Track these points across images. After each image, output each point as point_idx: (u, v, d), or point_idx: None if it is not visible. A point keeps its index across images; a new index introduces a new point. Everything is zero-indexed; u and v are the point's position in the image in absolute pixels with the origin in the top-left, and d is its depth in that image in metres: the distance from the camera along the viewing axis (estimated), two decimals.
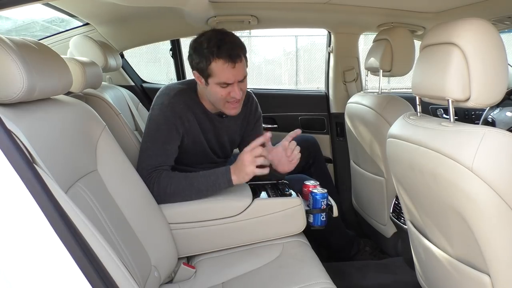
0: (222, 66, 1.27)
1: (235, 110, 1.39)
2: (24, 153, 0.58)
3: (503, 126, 1.86)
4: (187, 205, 1.29)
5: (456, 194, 0.86)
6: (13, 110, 0.80)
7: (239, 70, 1.31)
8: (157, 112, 1.38)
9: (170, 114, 1.36)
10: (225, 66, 1.27)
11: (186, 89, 1.43)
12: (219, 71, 1.28)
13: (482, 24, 0.86)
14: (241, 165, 1.26)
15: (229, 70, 1.28)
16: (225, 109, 1.38)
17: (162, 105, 1.38)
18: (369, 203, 1.89)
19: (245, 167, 1.25)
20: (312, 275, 1.15)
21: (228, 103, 1.36)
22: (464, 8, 1.75)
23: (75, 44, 1.90)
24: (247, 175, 1.26)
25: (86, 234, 0.60)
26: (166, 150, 1.35)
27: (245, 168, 1.25)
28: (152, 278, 1.08)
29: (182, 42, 2.55)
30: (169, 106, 1.37)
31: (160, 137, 1.35)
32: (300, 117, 2.42)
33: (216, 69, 1.28)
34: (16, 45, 0.79)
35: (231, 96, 1.33)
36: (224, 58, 1.27)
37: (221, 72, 1.28)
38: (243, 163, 1.25)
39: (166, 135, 1.35)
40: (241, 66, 1.31)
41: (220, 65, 1.27)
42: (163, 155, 1.34)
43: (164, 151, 1.34)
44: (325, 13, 2.01)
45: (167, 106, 1.37)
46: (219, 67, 1.28)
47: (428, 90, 0.98)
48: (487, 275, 0.88)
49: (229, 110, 1.39)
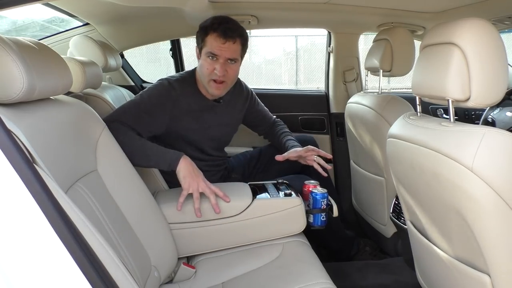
0: (215, 38, 1.41)
1: (218, 91, 1.48)
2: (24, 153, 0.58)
3: (503, 126, 1.86)
4: (187, 205, 1.29)
5: (456, 194, 0.86)
6: (13, 110, 0.80)
7: (229, 48, 1.42)
8: (155, 87, 1.48)
9: (165, 94, 1.44)
10: (217, 39, 1.41)
11: (186, 76, 1.54)
12: (210, 42, 1.42)
13: (482, 24, 0.86)
14: (198, 173, 1.29)
15: (219, 44, 1.41)
16: (209, 87, 1.47)
17: (161, 84, 1.48)
18: (369, 203, 1.89)
19: (198, 177, 1.27)
20: (312, 275, 1.15)
21: (212, 81, 1.45)
22: (464, 8, 1.75)
23: (75, 44, 1.90)
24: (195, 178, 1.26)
25: (86, 234, 0.60)
26: (141, 118, 1.38)
27: (198, 177, 1.27)
28: (152, 278, 1.08)
29: (182, 42, 2.55)
30: (168, 87, 1.46)
31: (144, 105, 1.41)
32: (300, 117, 2.42)
33: (209, 40, 1.42)
34: (16, 45, 0.79)
35: (214, 72, 1.43)
36: (218, 33, 1.40)
37: (212, 43, 1.42)
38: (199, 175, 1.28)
39: (151, 108, 1.41)
40: (232, 47, 1.43)
41: (213, 38, 1.41)
42: (137, 119, 1.37)
43: (140, 117, 1.38)
44: (325, 13, 2.01)
45: (166, 86, 1.46)
46: (212, 39, 1.42)
47: (428, 90, 0.98)
48: (487, 275, 0.88)
49: (213, 90, 1.47)
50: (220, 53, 1.42)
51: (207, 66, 1.44)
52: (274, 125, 1.85)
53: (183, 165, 1.27)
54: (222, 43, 1.41)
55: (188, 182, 1.25)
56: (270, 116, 1.87)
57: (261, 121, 1.84)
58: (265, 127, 1.85)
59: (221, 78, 1.44)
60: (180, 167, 1.27)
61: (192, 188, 1.24)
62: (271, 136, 1.84)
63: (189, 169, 1.27)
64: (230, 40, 1.41)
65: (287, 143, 1.71)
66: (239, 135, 1.91)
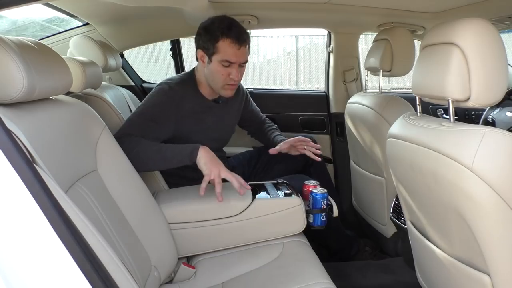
0: (229, 45, 1.37)
1: (231, 92, 1.48)
2: (24, 153, 0.58)
3: (503, 126, 1.86)
4: (187, 205, 1.29)
5: (456, 193, 0.86)
6: (13, 110, 0.80)
7: (243, 53, 1.40)
8: (156, 94, 1.45)
9: (168, 100, 1.42)
10: (231, 46, 1.37)
11: (186, 78, 1.52)
12: (224, 49, 1.37)
13: (482, 24, 0.86)
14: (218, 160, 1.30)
15: (234, 50, 1.38)
16: (222, 90, 1.46)
17: (162, 90, 1.45)
18: (369, 203, 1.89)
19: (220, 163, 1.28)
20: (312, 275, 1.15)
21: (227, 85, 1.44)
22: (464, 8, 1.75)
23: (75, 44, 1.90)
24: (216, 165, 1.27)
25: (86, 234, 0.60)
26: (149, 126, 1.37)
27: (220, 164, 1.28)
28: (152, 278, 1.08)
29: (182, 42, 2.55)
30: (169, 92, 1.44)
31: (150, 114, 1.40)
32: (300, 117, 2.42)
33: (222, 47, 1.37)
34: (16, 45, 0.79)
35: (230, 77, 1.41)
36: (232, 38, 1.36)
37: (226, 50, 1.37)
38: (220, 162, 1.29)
39: (157, 115, 1.40)
40: (245, 51, 1.41)
41: (227, 44, 1.37)
42: (145, 129, 1.35)
43: (147, 126, 1.37)
44: (325, 13, 2.01)
45: (168, 91, 1.44)
46: (226, 45, 1.37)
47: (428, 90, 0.98)
48: (487, 275, 0.88)
49: (226, 91, 1.47)
50: (236, 59, 1.39)
51: (222, 72, 1.40)
52: (262, 124, 1.88)
53: (202, 153, 1.29)
54: (237, 49, 1.38)
55: (209, 168, 1.26)
56: (261, 115, 1.91)
57: (253, 120, 1.87)
58: (255, 126, 1.88)
59: (237, 81, 1.44)
60: (200, 155, 1.28)
61: (214, 174, 1.24)
62: (260, 134, 1.87)
63: (209, 156, 1.29)
64: (243, 44, 1.39)
65: (276, 138, 1.75)
66: (239, 135, 1.92)
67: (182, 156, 1.29)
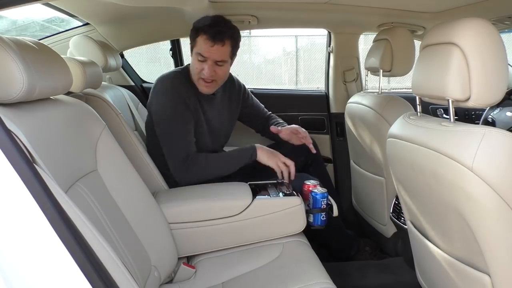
0: (204, 41, 1.46)
1: (206, 89, 1.54)
2: (24, 153, 0.58)
3: (503, 126, 1.86)
4: (187, 205, 1.29)
5: (456, 194, 0.86)
6: (13, 110, 0.80)
7: (217, 51, 1.46)
8: (164, 97, 1.50)
9: (177, 97, 1.49)
10: (206, 42, 1.45)
11: (181, 72, 1.58)
12: (200, 44, 1.47)
13: (482, 24, 0.86)
14: (274, 152, 1.50)
15: (207, 47, 1.45)
16: (198, 85, 1.53)
17: (166, 91, 1.50)
18: (369, 203, 1.89)
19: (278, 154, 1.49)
20: (312, 275, 1.15)
21: (201, 79, 1.51)
22: (464, 8, 1.75)
23: (75, 44, 1.90)
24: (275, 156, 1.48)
25: (86, 234, 0.60)
26: (188, 130, 1.48)
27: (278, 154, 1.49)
28: (152, 278, 1.08)
29: (182, 42, 2.55)
30: (174, 90, 1.50)
31: (178, 119, 1.47)
32: (300, 117, 2.42)
33: (199, 41, 1.47)
34: (16, 45, 0.79)
35: (202, 72, 1.48)
36: (208, 35, 1.44)
37: (201, 45, 1.47)
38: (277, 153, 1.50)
39: (182, 115, 1.48)
40: (220, 49, 1.47)
41: (202, 39, 1.46)
42: (188, 135, 1.47)
43: (188, 131, 1.47)
44: (325, 13, 2.01)
45: (172, 90, 1.50)
46: (201, 40, 1.46)
47: (428, 90, 0.98)
48: (487, 275, 0.88)
49: (202, 87, 1.54)
50: (208, 55, 1.46)
51: (196, 66, 1.50)
52: (268, 120, 1.88)
53: (260, 152, 1.50)
54: (211, 45, 1.45)
55: (273, 160, 1.48)
56: (265, 111, 1.90)
57: (255, 116, 1.87)
58: (260, 122, 1.88)
59: (210, 78, 1.50)
60: (260, 154, 1.49)
61: (278, 164, 1.47)
62: (267, 130, 1.86)
63: (267, 152, 1.50)
64: (219, 43, 1.45)
65: (279, 125, 1.79)
66: (239, 135, 1.91)
67: (244, 160, 1.50)
